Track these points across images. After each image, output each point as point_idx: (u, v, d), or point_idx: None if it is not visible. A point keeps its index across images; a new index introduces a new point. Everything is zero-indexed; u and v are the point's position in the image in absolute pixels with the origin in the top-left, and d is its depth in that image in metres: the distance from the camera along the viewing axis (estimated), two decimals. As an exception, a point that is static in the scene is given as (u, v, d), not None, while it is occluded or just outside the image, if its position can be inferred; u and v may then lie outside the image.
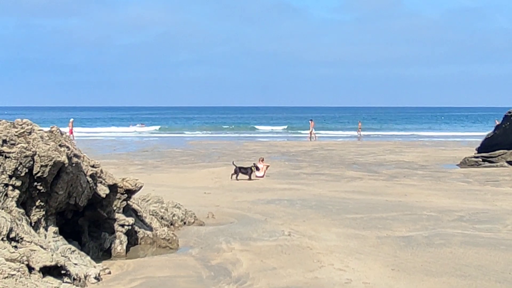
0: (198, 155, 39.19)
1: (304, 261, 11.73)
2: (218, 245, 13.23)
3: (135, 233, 13.99)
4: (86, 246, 12.82)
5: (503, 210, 17.64)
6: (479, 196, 20.69)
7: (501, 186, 23.63)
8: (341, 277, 10.58)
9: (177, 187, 22.65)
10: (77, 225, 13.08)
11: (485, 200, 19.62)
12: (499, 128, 33.72)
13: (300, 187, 22.70)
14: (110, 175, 13.65)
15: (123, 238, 13.24)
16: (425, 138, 66.85)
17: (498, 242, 13.34)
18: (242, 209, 17.62)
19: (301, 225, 15.25)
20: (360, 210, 17.49)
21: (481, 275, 10.78)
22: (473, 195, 20.79)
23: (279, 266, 11.39)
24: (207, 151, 42.87)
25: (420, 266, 11.37)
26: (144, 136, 71.40)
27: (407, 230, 14.68)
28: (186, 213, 16.30)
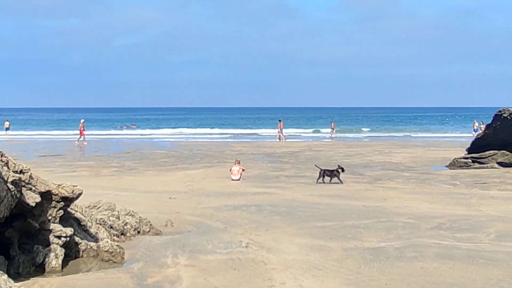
0: (179, 157, 37.77)
1: (253, 280, 10.24)
2: (164, 259, 11.76)
3: (76, 245, 12.52)
4: (16, 261, 11.34)
5: (488, 216, 16.16)
6: (463, 200, 19.23)
7: (488, 189, 22.20)
8: (289, 301, 9.10)
9: (143, 191, 21.22)
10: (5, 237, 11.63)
11: (470, 205, 18.15)
12: (490, 127, 32.41)
13: (274, 191, 21.23)
14: (44, 181, 12.11)
15: (59, 251, 11.76)
16: (418, 139, 65.47)
17: (478, 255, 11.83)
18: (203, 216, 16.15)
19: (263, 235, 13.77)
20: (331, 217, 16.01)
21: (452, 297, 9.30)
22: (457, 199, 19.34)
23: (222, 285, 9.93)
24: (191, 153, 41.47)
25: (384, 286, 9.88)
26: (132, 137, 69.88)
27: (378, 241, 13.19)
28: (141, 221, 14.83)
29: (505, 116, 31.49)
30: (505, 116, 31.48)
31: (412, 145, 50.36)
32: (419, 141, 59.92)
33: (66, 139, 65.75)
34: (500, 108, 32.20)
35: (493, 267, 10.95)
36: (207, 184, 23.69)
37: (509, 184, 23.75)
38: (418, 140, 62.86)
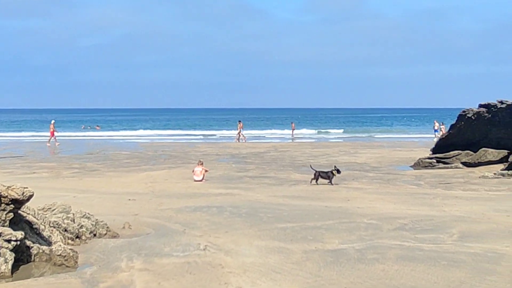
0: (143, 158, 37.24)
1: (209, 284, 9.86)
2: (119, 262, 11.32)
3: (28, 249, 12.00)
4: (-39, 266, 10.84)
5: (451, 216, 15.97)
6: (427, 200, 19.07)
7: (452, 189, 22.09)
8: (244, 306, 8.75)
9: (102, 193, 20.73)
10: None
11: (433, 205, 17.97)
12: (454, 128, 32.48)
13: (237, 192, 20.88)
14: (-9, 183, 11.62)
15: (8, 255, 11.23)
16: (383, 139, 65.65)
17: (440, 256, 11.59)
18: (163, 218, 15.72)
19: (222, 237, 13.39)
20: (293, 218, 15.68)
21: (412, 301, 9.02)
22: (421, 200, 19.17)
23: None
24: (155, 154, 40.97)
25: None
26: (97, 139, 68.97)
27: (339, 242, 12.88)
28: (97, 224, 14.35)
29: (469, 116, 31.57)
30: (469, 116, 31.56)
31: (378, 146, 50.40)
32: (384, 141, 60.06)
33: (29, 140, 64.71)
34: (464, 109, 32.29)
35: (455, 269, 10.71)
36: (169, 185, 23.27)
37: (473, 184, 23.70)
38: (383, 140, 63.02)
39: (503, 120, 30.83)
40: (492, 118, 31.03)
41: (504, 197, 19.93)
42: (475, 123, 31.40)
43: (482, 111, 31.22)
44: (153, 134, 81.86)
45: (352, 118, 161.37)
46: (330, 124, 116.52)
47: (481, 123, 31.27)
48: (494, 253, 11.83)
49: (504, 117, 30.78)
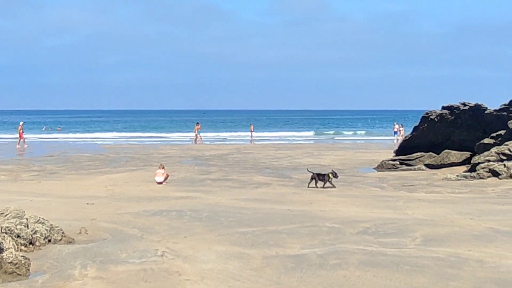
0: (104, 160, 36.64)
1: (164, 293, 9.49)
2: (72, 270, 10.85)
3: (-24, 257, 11.53)
4: None
5: (414, 219, 15.80)
6: (390, 203, 18.91)
7: (415, 192, 22.03)
8: (200, 316, 8.40)
9: (60, 196, 20.21)
10: None
11: (396, 208, 17.82)
12: (417, 129, 32.53)
13: (198, 195, 20.50)
14: None
15: (-46, 263, 10.79)
16: (348, 141, 65.83)
17: (403, 261, 11.35)
18: (120, 223, 15.27)
19: (181, 242, 13.00)
20: (255, 222, 15.35)
21: (374, 309, 8.75)
22: (384, 202, 19.01)
23: (130, 300, 9.14)
24: (117, 156, 40.38)
25: (303, 297, 9.28)
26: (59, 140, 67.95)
27: (301, 247, 12.58)
28: (52, 229, 13.85)
29: (432, 118, 31.64)
30: (432, 118, 31.63)
31: (342, 147, 50.41)
32: (348, 143, 60.19)
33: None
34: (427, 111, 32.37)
35: (418, 274, 10.48)
36: (130, 188, 22.82)
37: (436, 187, 23.67)
38: (347, 142, 63.19)
39: (465, 122, 30.98)
40: (455, 120, 31.16)
41: (467, 200, 19.89)
42: (438, 125, 31.49)
43: (445, 113, 31.33)
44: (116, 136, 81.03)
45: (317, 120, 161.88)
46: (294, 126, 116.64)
47: (444, 125, 31.38)
48: (457, 258, 11.65)
49: (467, 119, 30.93)
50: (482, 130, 30.00)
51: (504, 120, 28.83)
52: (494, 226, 14.89)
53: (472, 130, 30.62)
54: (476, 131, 30.28)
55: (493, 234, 13.88)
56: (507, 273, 10.60)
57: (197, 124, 63.61)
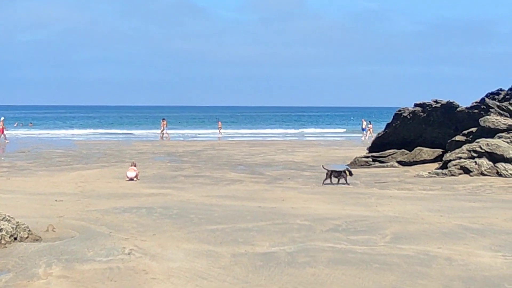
0: (76, 156, 36.27)
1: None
2: (36, 269, 10.65)
3: None
4: None
5: (385, 217, 15.78)
6: (362, 200, 18.90)
7: (387, 189, 22.04)
8: (165, 316, 8.26)
9: (29, 193, 19.91)
10: None
11: (368, 205, 17.80)
12: (390, 127, 32.63)
13: (170, 192, 20.34)
14: None
15: None
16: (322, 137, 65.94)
17: (372, 259, 11.30)
18: (89, 220, 15.05)
19: (149, 240, 12.84)
20: (225, 219, 15.23)
21: (342, 308, 8.67)
22: (355, 199, 18.99)
23: (94, 299, 8.97)
24: (89, 152, 39.98)
25: (271, 296, 9.18)
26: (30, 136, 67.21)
27: (270, 245, 12.48)
28: (18, 227, 13.57)
29: (405, 115, 31.76)
30: (405, 115, 31.75)
31: (315, 144, 50.45)
32: (322, 140, 60.29)
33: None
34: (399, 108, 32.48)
35: (387, 272, 10.43)
36: (100, 184, 22.56)
37: (407, 184, 23.72)
38: (321, 139, 63.25)
39: (437, 120, 31.13)
40: (427, 117, 31.30)
41: (438, 197, 19.95)
42: (410, 122, 31.62)
43: (417, 110, 31.46)
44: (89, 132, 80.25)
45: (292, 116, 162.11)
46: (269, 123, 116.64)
47: (416, 122, 31.51)
48: (426, 255, 11.63)
49: (439, 116, 31.08)
50: (454, 127, 30.17)
51: (475, 117, 29.00)
52: (464, 223, 14.93)
53: (444, 127, 30.79)
54: (448, 129, 30.45)
55: (462, 232, 13.91)
56: (475, 271, 10.60)
57: (163, 120, 63.37)
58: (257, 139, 63.51)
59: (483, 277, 10.22)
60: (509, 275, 10.40)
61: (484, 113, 29.07)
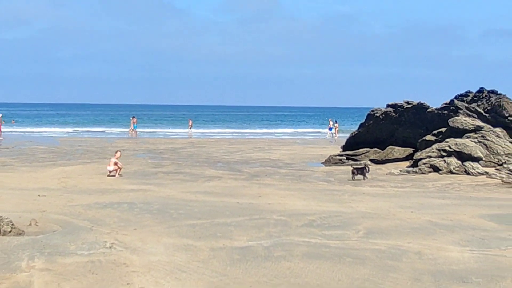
0: (59, 153, 36.00)
1: (111, 285, 9.26)
2: (19, 262, 10.54)
3: None
4: None
5: (358, 212, 15.86)
6: (336, 196, 18.96)
7: (360, 186, 22.14)
8: (145, 308, 8.22)
9: (12, 188, 19.74)
10: None
11: (342, 202, 17.87)
12: (363, 126, 32.76)
13: (150, 188, 20.25)
14: None
15: None
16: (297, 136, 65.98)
17: (345, 253, 11.35)
18: (71, 215, 14.95)
19: (130, 234, 12.78)
20: (204, 214, 15.20)
21: (316, 300, 8.69)
22: (330, 196, 19.05)
23: (76, 292, 8.90)
24: (72, 149, 39.70)
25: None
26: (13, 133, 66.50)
27: (248, 239, 12.48)
28: (1, 221, 13.41)
29: (377, 115, 31.93)
30: (377, 116, 31.91)
31: (291, 143, 50.49)
32: (298, 138, 60.32)
33: None
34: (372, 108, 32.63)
35: (360, 266, 10.48)
36: (83, 180, 22.44)
37: (380, 181, 23.85)
38: (297, 137, 63.29)
39: (408, 120, 31.34)
40: (399, 117, 31.50)
41: (409, 194, 20.07)
42: (383, 122, 31.80)
43: (390, 110, 31.64)
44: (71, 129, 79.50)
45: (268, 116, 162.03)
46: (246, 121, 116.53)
47: (388, 122, 31.70)
48: (397, 250, 11.70)
49: (410, 116, 31.29)
50: (424, 127, 30.38)
51: (444, 118, 29.24)
52: (433, 219, 15.04)
53: (414, 127, 30.99)
54: (418, 129, 30.65)
55: (431, 227, 14.01)
56: (443, 265, 10.68)
57: (133, 118, 63.10)
58: (235, 137, 63.44)
59: (451, 271, 10.30)
60: (476, 268, 10.50)
61: (453, 114, 29.32)
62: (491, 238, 12.98)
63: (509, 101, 29.84)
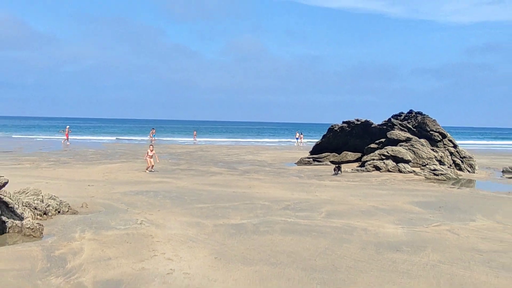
0: (104, 154, 35.62)
1: (141, 251, 9.20)
2: (73, 233, 10.48)
3: (3, 223, 10.98)
4: None
5: (321, 199, 15.82)
6: (305, 188, 18.89)
7: (323, 180, 22.05)
8: (165, 268, 8.14)
9: (69, 180, 19.49)
10: None
11: (309, 191, 17.80)
12: (326, 137, 32.70)
13: (170, 181, 20.09)
14: (-26, 172, 10.55)
15: (-15, 228, 10.25)
16: (277, 144, 65.81)
17: (312, 229, 11.33)
18: (112, 200, 14.83)
19: (155, 214, 12.69)
20: (209, 200, 15.12)
21: (290, 263, 8.62)
22: (301, 187, 18.97)
23: (115, 256, 8.81)
24: (113, 151, 39.29)
25: (240, 254, 9.11)
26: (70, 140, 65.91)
27: (241, 218, 12.43)
28: (61, 204, 13.34)
29: (335, 129, 31.89)
30: (335, 129, 31.88)
31: (273, 148, 50.27)
32: (277, 145, 60.10)
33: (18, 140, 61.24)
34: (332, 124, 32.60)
35: (322, 238, 10.47)
36: (120, 174, 22.19)
37: (337, 177, 23.76)
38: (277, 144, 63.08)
39: (358, 133, 31.32)
40: (351, 131, 31.47)
41: (358, 186, 20.05)
42: (339, 134, 31.76)
43: (344, 126, 31.61)
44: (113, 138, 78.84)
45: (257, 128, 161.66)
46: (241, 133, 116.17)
47: (343, 134, 31.66)
48: (349, 227, 11.69)
49: (359, 130, 31.27)
50: (369, 138, 30.36)
51: (384, 131, 29.26)
52: (375, 205, 15.04)
53: (362, 138, 30.96)
54: (365, 139, 30.62)
55: (374, 211, 14.01)
56: (383, 238, 10.69)
57: (152, 129, 62.70)
58: (232, 144, 63.19)
59: (388, 242, 10.31)
60: (406, 241, 10.51)
61: (390, 128, 29.36)
62: (417, 219, 13.01)
63: (430, 120, 29.94)
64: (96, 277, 7.58)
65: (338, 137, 31.84)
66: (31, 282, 7.38)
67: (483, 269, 8.62)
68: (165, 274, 7.77)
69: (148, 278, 7.60)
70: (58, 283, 7.39)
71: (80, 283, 7.41)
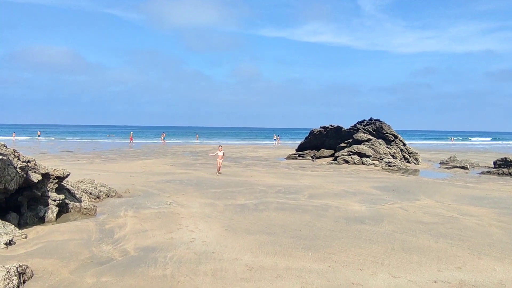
0: (142, 153, 35.52)
1: (169, 224, 9.20)
2: (119, 212, 10.46)
3: (66, 205, 10.93)
4: (24, 216, 9.74)
5: (304, 185, 15.80)
6: (292, 176, 18.87)
7: (305, 171, 22.02)
8: (189, 237, 8.14)
9: (115, 172, 19.46)
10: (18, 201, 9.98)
11: (295, 179, 17.79)
12: (308, 138, 32.68)
13: (191, 172, 20.05)
14: (44, 166, 10.51)
15: (54, 208, 10.21)
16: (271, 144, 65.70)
17: (297, 207, 11.33)
18: (148, 186, 14.81)
19: (180, 197, 12.68)
20: (220, 186, 15.10)
21: (281, 232, 8.63)
22: (289, 176, 18.95)
23: (150, 228, 8.81)
24: (148, 150, 39.19)
25: (244, 227, 9.11)
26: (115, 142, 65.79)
27: (244, 200, 12.41)
28: (110, 190, 13.31)
29: (315, 132, 31.83)
30: (315, 133, 31.82)
31: (268, 147, 50.24)
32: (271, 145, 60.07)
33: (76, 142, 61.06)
34: (312, 128, 32.56)
35: (305, 215, 10.47)
36: (154, 168, 22.13)
37: (316, 168, 23.74)
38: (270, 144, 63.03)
39: (332, 135, 31.29)
40: (326, 134, 31.44)
41: (332, 175, 20.03)
42: (318, 136, 31.73)
43: (321, 130, 31.58)
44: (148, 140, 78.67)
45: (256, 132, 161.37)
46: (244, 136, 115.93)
47: (321, 136, 31.63)
48: (325, 205, 11.68)
49: (332, 133, 31.24)
50: (340, 139, 30.38)
51: (351, 134, 29.26)
52: (345, 189, 15.03)
53: (335, 139, 30.97)
54: (337, 140, 30.64)
55: (344, 193, 14.00)
56: (351, 213, 10.69)
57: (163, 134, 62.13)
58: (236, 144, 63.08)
59: (355, 217, 10.32)
60: (368, 215, 10.52)
61: (356, 131, 29.36)
62: (376, 199, 13.02)
63: (386, 125, 29.94)
64: (136, 244, 7.57)
65: (317, 138, 31.84)
66: (88, 248, 7.38)
67: (426, 236, 8.64)
68: (188, 242, 7.76)
69: (176, 245, 7.60)
70: (108, 249, 7.40)
71: (124, 249, 7.41)
